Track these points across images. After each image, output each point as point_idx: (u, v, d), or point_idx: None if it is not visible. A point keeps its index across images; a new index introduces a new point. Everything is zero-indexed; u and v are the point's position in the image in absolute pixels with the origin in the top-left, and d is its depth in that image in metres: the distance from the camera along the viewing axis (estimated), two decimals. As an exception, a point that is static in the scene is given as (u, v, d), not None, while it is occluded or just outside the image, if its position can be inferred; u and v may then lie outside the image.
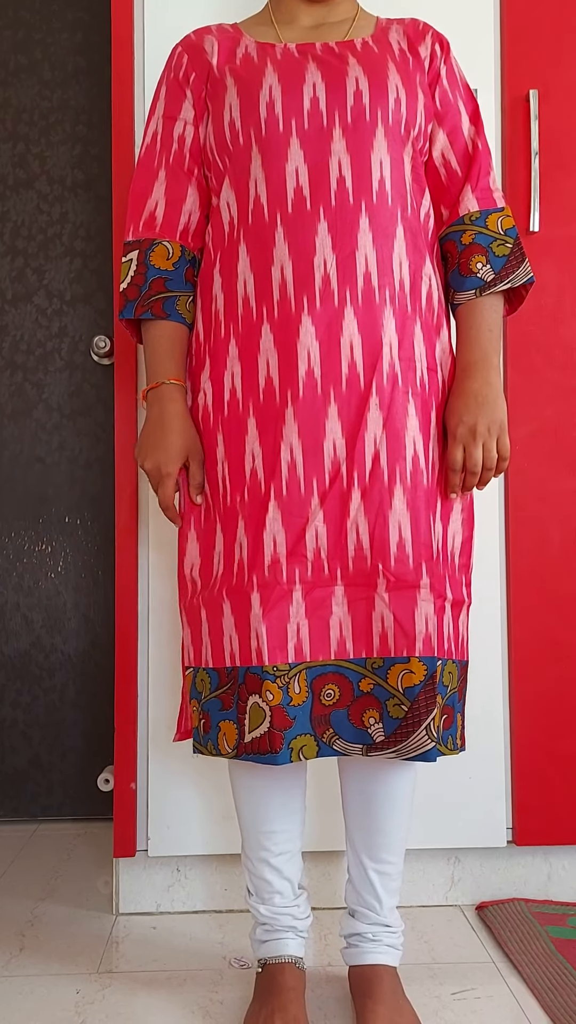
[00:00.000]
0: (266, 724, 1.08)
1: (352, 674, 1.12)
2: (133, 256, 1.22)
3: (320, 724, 1.12)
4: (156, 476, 1.17)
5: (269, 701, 1.08)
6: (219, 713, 1.14)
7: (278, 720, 1.08)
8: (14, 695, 2.06)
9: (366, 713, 1.11)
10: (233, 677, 1.12)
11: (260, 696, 1.09)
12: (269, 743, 1.08)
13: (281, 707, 1.08)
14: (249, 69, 1.18)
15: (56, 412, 2.08)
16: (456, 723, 1.19)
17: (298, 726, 1.10)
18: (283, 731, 1.08)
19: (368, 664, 1.11)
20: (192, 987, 1.30)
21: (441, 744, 1.14)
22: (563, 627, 1.58)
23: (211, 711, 1.15)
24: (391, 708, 1.10)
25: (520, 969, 1.32)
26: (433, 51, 1.23)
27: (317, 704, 1.12)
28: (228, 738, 1.12)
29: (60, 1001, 1.26)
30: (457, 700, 1.20)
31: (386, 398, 1.12)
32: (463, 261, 1.20)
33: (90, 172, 2.09)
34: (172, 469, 1.17)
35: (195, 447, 1.19)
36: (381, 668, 1.11)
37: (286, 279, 1.13)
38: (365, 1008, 1.16)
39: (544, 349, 1.60)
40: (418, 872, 1.57)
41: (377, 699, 1.10)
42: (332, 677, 1.12)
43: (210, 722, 1.15)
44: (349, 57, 1.18)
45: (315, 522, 1.11)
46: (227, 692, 1.13)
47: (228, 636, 1.13)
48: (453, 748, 1.17)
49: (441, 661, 1.14)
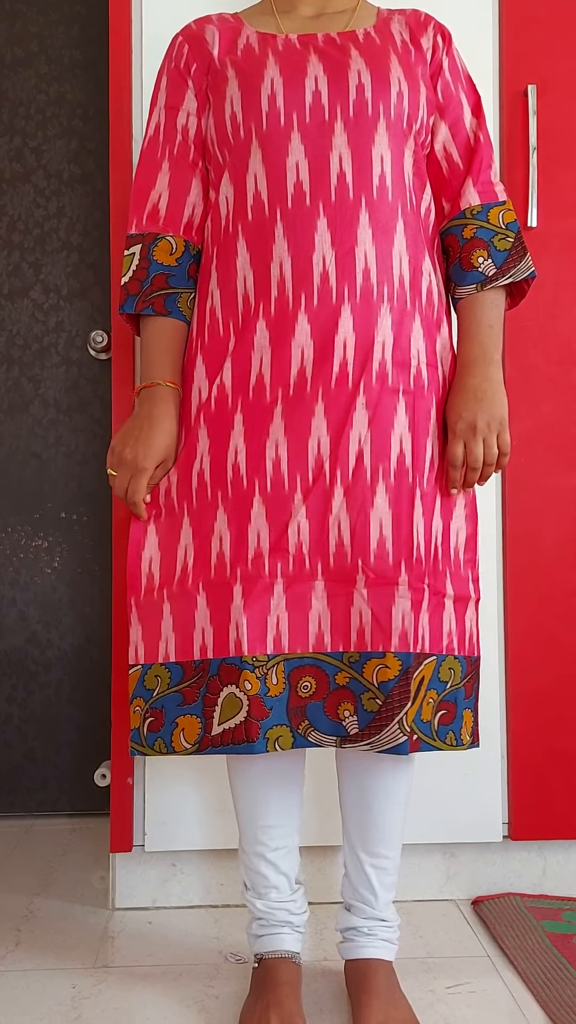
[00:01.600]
0: (243, 714, 1.08)
1: (329, 667, 1.13)
2: (136, 250, 1.22)
3: (296, 716, 1.12)
4: (132, 467, 1.16)
5: (247, 691, 1.08)
6: (177, 709, 1.13)
7: (255, 710, 1.08)
8: (10, 690, 2.06)
9: (341, 706, 1.12)
10: (202, 670, 1.12)
11: (237, 686, 1.09)
12: (245, 732, 1.08)
13: (259, 697, 1.09)
14: (250, 61, 1.18)
15: (53, 407, 2.07)
16: (461, 718, 1.19)
17: (274, 717, 1.10)
18: (260, 721, 1.09)
19: (345, 658, 1.12)
20: (188, 981, 1.30)
21: (438, 739, 1.14)
22: (559, 623, 1.58)
23: (166, 707, 1.13)
24: (366, 702, 1.10)
25: (515, 963, 1.33)
26: (435, 42, 1.22)
27: (293, 696, 1.12)
28: (187, 733, 1.12)
29: (56, 996, 1.26)
30: (464, 697, 1.19)
31: (374, 397, 1.12)
32: (464, 255, 1.20)
33: (87, 166, 2.08)
34: (149, 465, 1.16)
35: (170, 453, 1.19)
36: (357, 662, 1.12)
37: (284, 275, 1.13)
38: (360, 1002, 1.16)
39: (541, 344, 1.60)
40: (414, 867, 1.57)
41: (352, 692, 1.11)
42: (309, 670, 1.13)
43: (163, 719, 1.13)
44: (351, 49, 1.17)
45: (297, 517, 1.12)
46: (192, 685, 1.12)
47: (200, 628, 1.12)
48: (457, 744, 1.17)
49: (437, 657, 1.14)
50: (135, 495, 1.17)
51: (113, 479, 1.19)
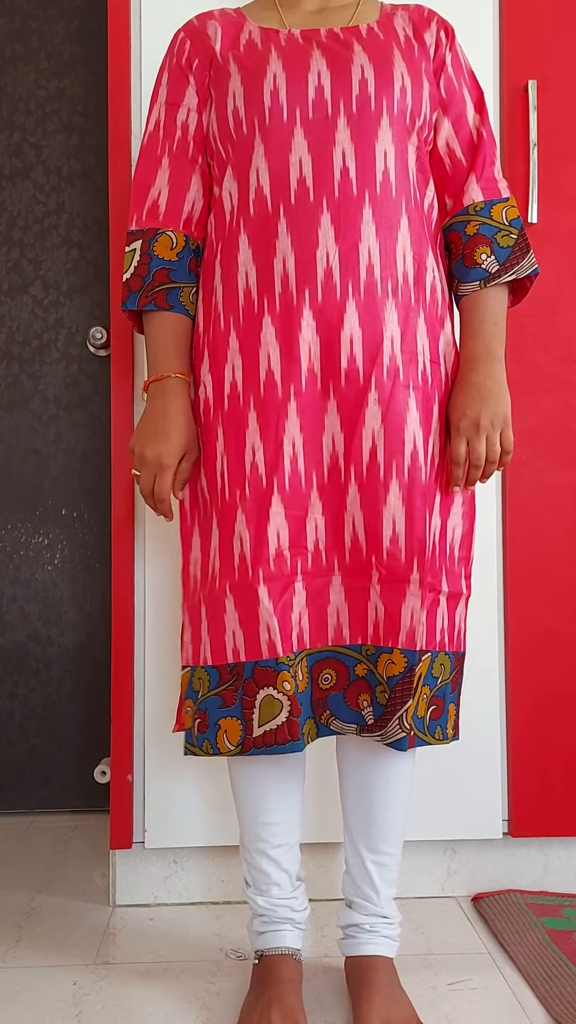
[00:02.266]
0: (284, 714, 1.09)
1: (348, 659, 1.15)
2: (136, 246, 1.21)
3: (319, 707, 1.15)
4: (155, 466, 1.16)
5: (287, 691, 1.09)
6: (218, 711, 1.13)
7: (295, 708, 1.10)
8: (11, 687, 2.06)
9: (360, 696, 1.15)
10: (237, 673, 1.12)
11: (275, 687, 1.09)
12: (289, 732, 1.09)
13: (295, 695, 1.10)
14: (253, 56, 1.17)
15: (53, 404, 2.07)
16: (447, 713, 1.19)
17: (304, 712, 1.13)
18: (298, 718, 1.10)
19: (363, 651, 1.15)
20: (189, 978, 1.30)
21: (428, 734, 1.16)
22: (560, 619, 1.58)
23: (209, 709, 1.14)
24: (379, 694, 1.14)
25: (516, 960, 1.33)
26: (438, 38, 1.22)
27: (316, 688, 1.15)
28: (230, 735, 1.12)
29: (57, 992, 1.26)
30: (450, 691, 1.20)
31: (385, 393, 1.12)
32: (467, 252, 1.20)
33: (87, 162, 2.07)
34: (172, 461, 1.16)
35: (192, 444, 1.19)
36: (373, 655, 1.14)
37: (288, 271, 1.13)
38: (361, 998, 1.16)
39: (541, 340, 1.60)
40: (415, 864, 1.57)
41: (369, 684, 1.14)
42: (330, 662, 1.15)
43: (207, 721, 1.14)
44: (354, 44, 1.17)
45: (314, 515, 1.13)
46: (229, 689, 1.13)
47: (231, 632, 1.13)
48: (443, 738, 1.18)
49: (431, 654, 1.15)
50: (162, 492, 1.17)
51: (138, 479, 1.19)
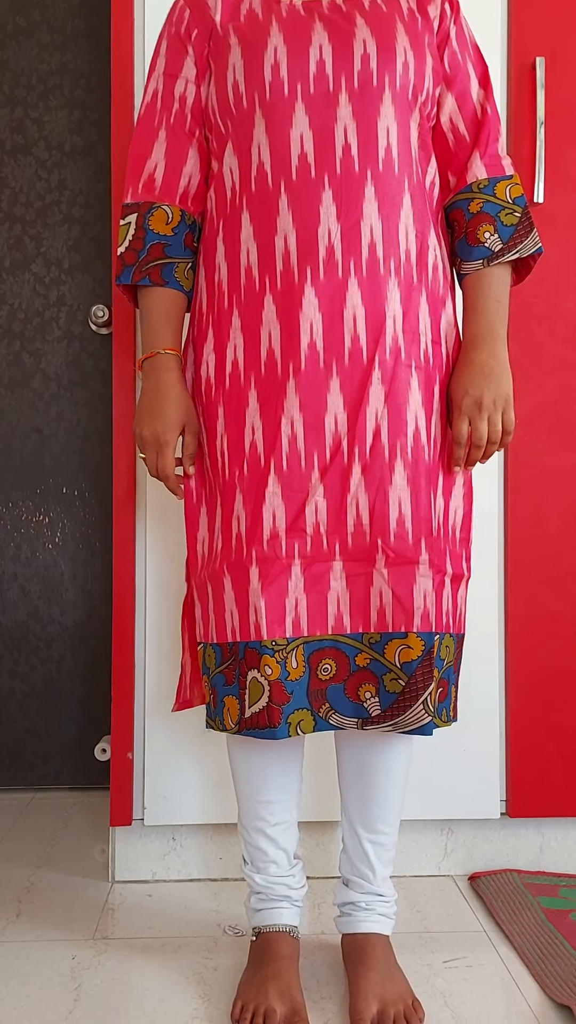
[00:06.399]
0: (264, 699, 1.09)
1: (349, 649, 1.12)
2: (132, 219, 1.20)
3: (317, 699, 1.12)
4: (155, 444, 1.16)
5: (268, 676, 1.08)
6: (223, 688, 1.14)
7: (276, 695, 1.08)
8: (11, 665, 2.06)
9: (362, 687, 1.12)
10: (234, 652, 1.13)
11: (259, 671, 1.09)
12: (268, 718, 1.08)
13: (279, 682, 1.09)
14: (254, 28, 1.15)
15: (54, 382, 2.06)
16: (450, 695, 1.19)
17: (295, 701, 1.10)
18: (281, 706, 1.09)
19: (365, 639, 1.12)
20: (187, 954, 1.31)
21: (436, 717, 1.14)
22: (560, 601, 1.58)
23: (217, 687, 1.15)
24: (388, 683, 1.10)
25: (511, 938, 1.34)
26: (443, 10, 1.19)
27: (314, 679, 1.12)
28: (231, 713, 1.13)
29: (56, 966, 1.28)
30: (452, 672, 1.20)
31: (388, 372, 1.11)
32: (470, 230, 1.19)
33: (89, 138, 2.05)
34: (170, 437, 1.16)
35: (191, 417, 1.19)
36: (378, 643, 1.11)
37: (289, 249, 1.12)
38: (357, 975, 1.17)
39: (546, 322, 1.58)
40: (412, 842, 1.58)
41: (373, 674, 1.11)
42: (329, 652, 1.12)
43: (216, 697, 1.15)
44: (356, 17, 1.15)
45: (315, 497, 1.11)
46: (229, 667, 1.13)
47: (229, 611, 1.13)
48: (447, 720, 1.18)
49: (439, 635, 1.14)
50: (165, 470, 1.17)
51: (144, 460, 1.20)
